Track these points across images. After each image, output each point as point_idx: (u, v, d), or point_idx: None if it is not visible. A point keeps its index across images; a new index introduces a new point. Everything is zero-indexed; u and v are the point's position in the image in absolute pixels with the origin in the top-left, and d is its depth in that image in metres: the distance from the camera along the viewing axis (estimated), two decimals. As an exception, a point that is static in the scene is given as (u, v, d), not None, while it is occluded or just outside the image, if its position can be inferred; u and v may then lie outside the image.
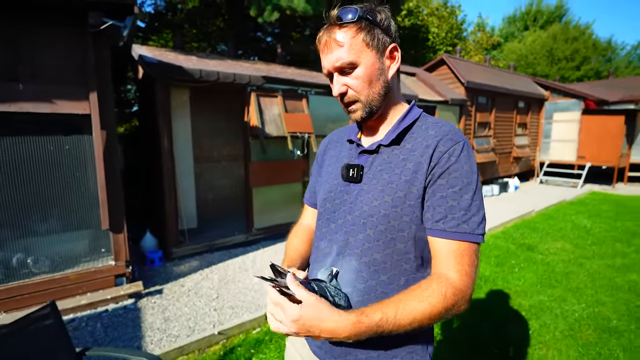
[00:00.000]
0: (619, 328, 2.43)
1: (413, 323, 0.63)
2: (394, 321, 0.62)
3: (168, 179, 3.66)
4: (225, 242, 4.06)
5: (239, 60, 5.98)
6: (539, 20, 25.08)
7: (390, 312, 0.62)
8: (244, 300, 2.86)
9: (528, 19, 25.71)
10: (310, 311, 0.59)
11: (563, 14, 24.89)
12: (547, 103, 10.31)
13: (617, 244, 4.29)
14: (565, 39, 21.40)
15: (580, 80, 20.49)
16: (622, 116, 8.65)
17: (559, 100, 10.09)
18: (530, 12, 25.78)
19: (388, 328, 0.62)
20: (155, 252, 3.56)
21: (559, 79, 17.36)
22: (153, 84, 3.61)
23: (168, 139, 3.63)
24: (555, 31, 22.09)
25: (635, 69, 23.51)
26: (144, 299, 2.85)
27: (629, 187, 8.91)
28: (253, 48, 11.60)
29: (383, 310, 0.62)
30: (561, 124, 9.92)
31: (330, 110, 4.99)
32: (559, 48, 21.20)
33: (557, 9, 24.90)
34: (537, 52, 21.62)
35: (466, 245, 0.68)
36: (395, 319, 0.62)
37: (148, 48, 4.65)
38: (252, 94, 4.05)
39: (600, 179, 10.14)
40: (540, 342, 2.28)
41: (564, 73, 20.74)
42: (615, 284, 3.16)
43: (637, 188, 8.79)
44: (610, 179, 9.56)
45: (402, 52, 1.24)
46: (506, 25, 27.18)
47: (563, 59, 21.07)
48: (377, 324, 0.61)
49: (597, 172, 10.85)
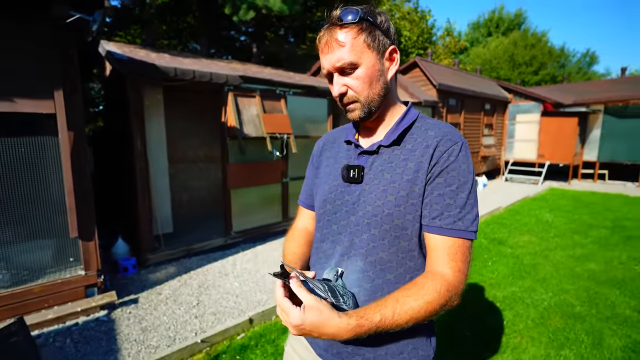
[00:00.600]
0: (581, 313, 2.63)
1: (410, 321, 0.65)
2: (392, 320, 0.64)
3: (141, 181, 3.49)
4: (203, 246, 3.93)
5: (213, 59, 5.82)
6: (501, 27, 26.59)
7: (389, 312, 0.64)
8: (226, 306, 2.79)
9: (491, 26, 27.18)
10: (312, 316, 0.60)
11: (522, 21, 26.57)
12: (510, 105, 10.94)
13: (576, 235, 4.64)
14: (525, 45, 22.85)
15: (539, 84, 21.96)
16: (575, 118, 9.37)
17: (520, 102, 10.75)
18: (493, 19, 27.27)
19: (386, 327, 0.64)
20: (129, 259, 3.38)
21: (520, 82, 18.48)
22: (124, 82, 3.43)
23: (141, 140, 3.46)
24: (516, 38, 23.53)
25: (584, 75, 25.57)
26: (118, 310, 2.70)
27: (582, 183, 9.66)
28: (226, 47, 11.35)
29: (382, 312, 0.64)
30: (523, 124, 10.57)
31: (309, 111, 4.99)
32: (519, 54, 22.59)
33: (517, 17, 26.54)
34: (500, 57, 22.90)
35: (460, 241, 0.70)
36: (393, 318, 0.64)
37: (116, 44, 4.41)
38: (230, 94, 3.96)
39: (558, 176, 10.93)
40: (515, 331, 2.42)
41: (524, 77, 22.13)
42: (576, 273, 3.41)
43: (589, 184, 9.55)
44: (567, 176, 10.33)
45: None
46: (471, 31, 28.56)
47: (523, 64, 22.48)
48: (376, 325, 0.63)
49: (555, 169, 11.68)
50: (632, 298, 2.88)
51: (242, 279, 3.29)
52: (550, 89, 12.48)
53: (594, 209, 6.28)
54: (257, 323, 2.57)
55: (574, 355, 2.13)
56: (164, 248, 3.68)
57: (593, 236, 4.60)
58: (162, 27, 8.28)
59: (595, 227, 5.05)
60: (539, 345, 2.24)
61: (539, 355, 2.14)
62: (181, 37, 9.67)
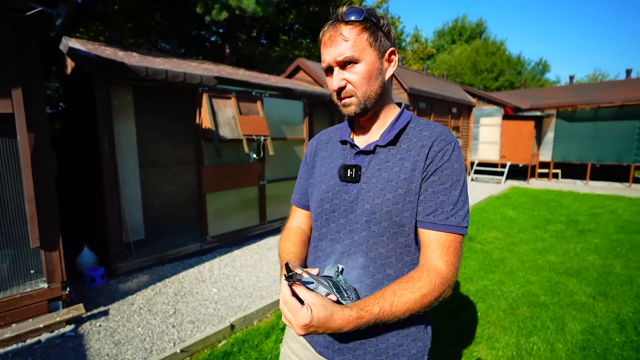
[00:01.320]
0: (545, 302, 2.84)
1: (406, 312, 0.69)
2: (390, 312, 0.67)
3: (109, 187, 3.29)
4: (177, 252, 3.78)
5: (185, 59, 5.64)
6: (464, 35, 28.10)
7: (387, 304, 0.67)
8: (205, 313, 2.70)
9: (455, 34, 28.63)
10: (318, 313, 0.62)
11: (483, 30, 28.24)
12: (474, 109, 11.58)
13: (537, 230, 4.99)
14: (486, 53, 24.29)
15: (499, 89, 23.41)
16: (532, 121, 10.10)
17: (484, 106, 11.40)
18: (457, 27, 28.74)
19: (385, 318, 0.67)
20: (96, 269, 3.18)
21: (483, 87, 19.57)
22: (89, 81, 3.23)
23: (109, 143, 3.27)
24: (477, 46, 24.95)
25: (538, 82, 27.61)
26: (86, 324, 2.53)
27: (539, 182, 10.41)
28: (196, 47, 11.02)
29: (380, 304, 0.67)
30: (486, 127, 11.22)
31: (285, 113, 4.98)
32: (481, 61, 23.96)
33: (478, 26, 28.17)
34: (464, 63, 24.16)
35: (452, 236, 0.74)
36: (391, 310, 0.67)
37: (79, 41, 4.15)
38: (204, 95, 3.85)
39: (518, 175, 11.70)
40: (488, 321, 2.56)
41: (486, 83, 23.49)
42: (539, 265, 3.67)
43: (545, 182, 10.31)
44: (526, 175, 11.09)
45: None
46: (437, 38, 29.90)
47: (484, 71, 23.86)
48: (375, 316, 0.66)
49: (515, 169, 12.49)
50: (587, 286, 3.14)
51: (220, 284, 3.21)
52: (509, 94, 13.35)
53: (550, 205, 6.79)
54: (239, 329, 2.52)
55: (541, 341, 2.29)
56: (135, 256, 3.50)
57: (551, 231, 4.97)
58: (127, 25, 7.88)
59: (552, 222, 5.46)
60: (510, 334, 2.39)
61: (511, 343, 2.28)
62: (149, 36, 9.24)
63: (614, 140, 9.46)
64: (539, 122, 10.64)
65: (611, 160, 9.54)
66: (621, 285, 3.15)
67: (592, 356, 2.14)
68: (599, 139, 9.72)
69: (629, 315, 2.61)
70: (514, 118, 10.57)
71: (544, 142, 10.84)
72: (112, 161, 3.32)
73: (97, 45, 4.49)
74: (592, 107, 9.73)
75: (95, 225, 3.67)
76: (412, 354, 0.79)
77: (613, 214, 6.00)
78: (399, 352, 0.78)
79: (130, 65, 3.26)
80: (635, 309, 2.71)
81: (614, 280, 3.26)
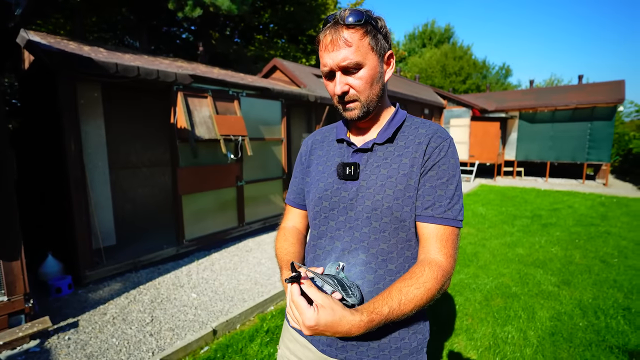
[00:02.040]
0: (517, 293, 3.01)
1: (414, 308, 0.70)
2: (398, 310, 0.68)
3: (76, 190, 3.09)
4: (152, 257, 3.62)
5: (156, 56, 5.41)
6: (433, 39, 29.17)
7: (395, 303, 0.68)
8: (184, 320, 2.60)
9: (425, 38, 29.65)
10: (326, 316, 0.62)
11: (450, 35, 29.48)
12: (445, 110, 12.05)
13: (505, 225, 5.28)
14: (454, 57, 25.36)
15: (466, 92, 24.51)
16: (497, 122, 10.68)
17: (454, 108, 11.90)
18: (426, 31, 29.79)
19: (394, 317, 0.68)
20: (62, 279, 2.97)
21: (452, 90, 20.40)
22: (52, 77, 3.01)
23: (75, 143, 3.07)
24: (446, 50, 25.98)
25: (502, 85, 29.23)
26: (53, 338, 2.35)
27: (505, 180, 11.02)
28: (166, 44, 10.60)
29: (389, 304, 0.68)
30: (456, 128, 11.71)
31: (263, 113, 4.92)
32: (449, 64, 24.98)
33: (446, 31, 29.36)
34: (434, 66, 25.07)
35: (450, 229, 0.76)
36: (399, 308, 0.68)
37: (39, 34, 3.85)
38: (179, 94, 3.72)
39: (485, 173, 12.31)
40: (466, 314, 2.67)
41: (454, 85, 24.51)
42: (508, 257, 3.89)
43: (510, 180, 10.93)
44: (492, 174, 11.69)
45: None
46: (408, 42, 30.82)
47: (453, 74, 24.90)
48: (385, 316, 0.67)
49: (483, 168, 13.14)
50: (552, 275, 3.37)
51: (199, 289, 3.10)
52: (477, 96, 14.03)
53: (516, 201, 7.21)
54: (221, 334, 2.45)
55: (515, 330, 2.43)
56: (105, 263, 3.30)
57: (518, 225, 5.28)
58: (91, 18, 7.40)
59: (519, 217, 5.80)
60: (486, 324, 2.51)
61: (488, 333, 2.39)
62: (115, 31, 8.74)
63: (569, 141, 10.21)
64: (503, 123, 11.27)
65: (567, 159, 10.30)
66: (581, 274, 3.41)
67: (560, 341, 2.30)
68: (556, 139, 10.45)
69: (589, 301, 2.83)
70: (481, 119, 11.11)
71: (508, 142, 11.49)
72: (79, 163, 3.11)
73: (58, 39, 4.20)
74: (550, 109, 10.45)
75: (61, 232, 3.43)
76: (412, 346, 0.81)
77: (571, 208, 6.47)
78: (401, 345, 0.80)
79: (98, 61, 3.08)
80: (594, 295, 2.94)
81: (574, 269, 3.52)
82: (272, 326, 2.51)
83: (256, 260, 3.85)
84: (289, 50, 11.58)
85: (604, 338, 2.31)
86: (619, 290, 3.03)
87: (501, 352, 2.19)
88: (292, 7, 11.05)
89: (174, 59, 5.84)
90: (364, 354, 0.80)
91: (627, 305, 2.75)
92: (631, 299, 2.86)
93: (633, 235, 4.69)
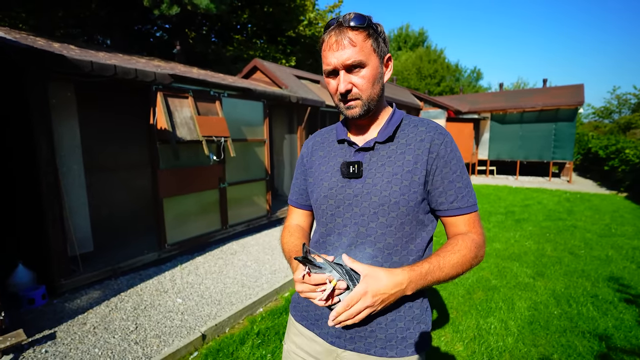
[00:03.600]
0: (496, 285, 3.16)
1: (451, 271, 0.78)
2: (439, 270, 0.76)
3: (49, 194, 2.92)
4: (133, 263, 3.48)
5: (131, 54, 5.21)
6: (408, 42, 29.95)
7: (434, 263, 0.76)
8: (170, 326, 2.53)
9: (400, 41, 30.38)
10: (372, 281, 0.70)
11: (424, 39, 30.38)
12: (421, 112, 12.40)
13: (482, 222, 5.50)
14: (428, 60, 26.14)
15: (441, 94, 25.34)
16: (471, 123, 11.15)
17: (430, 109, 12.27)
18: (402, 35, 30.54)
19: (435, 275, 0.76)
20: (35, 289, 2.79)
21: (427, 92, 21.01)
22: (20, 75, 2.83)
23: (47, 146, 2.90)
24: (421, 53, 26.75)
25: (474, 88, 30.46)
26: (29, 351, 2.21)
27: (479, 178, 11.50)
28: (139, 42, 10.21)
29: (429, 262, 0.76)
30: (433, 129, 12.08)
31: (245, 114, 4.86)
32: (424, 67, 25.72)
33: (420, 35, 30.25)
34: (410, 69, 25.73)
35: (474, 214, 0.85)
36: (439, 267, 0.76)
37: (2, 29, 3.61)
38: (159, 94, 3.61)
39: (460, 173, 12.77)
40: (451, 307, 2.77)
41: (429, 88, 25.28)
42: (487, 252, 4.07)
43: (483, 178, 11.43)
44: (467, 173, 12.14)
45: (305, 59, 1.18)
46: (384, 44, 31.41)
47: (428, 76, 25.66)
48: (426, 271, 0.75)
49: (458, 167, 13.58)
50: (527, 268, 3.57)
51: (185, 294, 3.03)
52: (451, 98, 14.55)
53: (490, 198, 7.55)
54: (210, 338, 2.41)
55: (497, 321, 2.55)
56: (82, 271, 3.14)
57: (493, 221, 5.54)
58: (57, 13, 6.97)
59: (494, 213, 6.08)
60: (470, 317, 2.62)
61: (472, 325, 2.50)
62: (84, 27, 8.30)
63: (536, 140, 10.82)
64: (476, 124, 11.77)
65: (535, 158, 10.91)
66: (553, 265, 3.63)
67: (538, 329, 2.44)
68: (525, 139, 11.04)
69: (562, 291, 3.03)
70: (455, 120, 11.55)
71: (481, 142, 12.01)
72: (52, 166, 2.95)
73: (24, 34, 3.95)
74: (519, 111, 11.03)
75: (33, 239, 3.22)
76: (417, 336, 0.85)
77: (540, 204, 6.87)
78: (407, 335, 0.83)
79: (72, 59, 2.93)
80: (566, 285, 3.14)
81: (547, 261, 3.74)
82: (263, 328, 2.50)
83: (242, 262, 3.80)
84: (269, 51, 11.49)
85: (576, 324, 2.48)
86: (587, 279, 3.26)
87: (485, 342, 2.29)
88: (271, 8, 10.98)
89: (150, 57, 5.65)
90: (371, 345, 0.83)
91: (595, 293, 2.96)
92: (598, 287, 3.09)
93: (596, 228, 5.06)
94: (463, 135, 11.21)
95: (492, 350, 2.20)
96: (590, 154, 12.26)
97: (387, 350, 0.83)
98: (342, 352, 0.86)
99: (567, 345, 2.23)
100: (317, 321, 0.91)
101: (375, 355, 0.83)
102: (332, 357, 0.89)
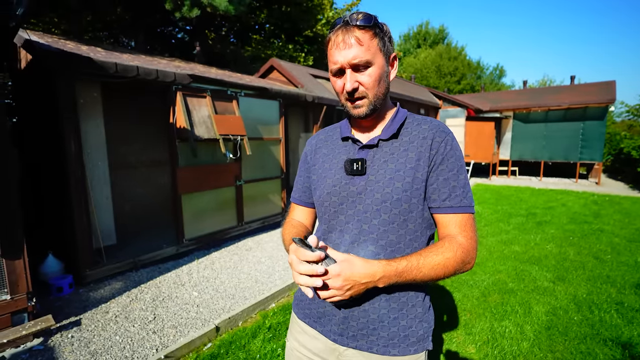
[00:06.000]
0: (513, 289, 3.08)
1: (430, 272, 0.76)
2: (417, 269, 0.75)
3: (77, 190, 3.09)
4: (152, 257, 3.62)
5: (153, 56, 5.40)
6: (428, 40, 29.34)
7: (414, 262, 0.75)
8: (187, 317, 2.62)
9: (419, 38, 29.82)
10: (347, 266, 0.71)
11: (445, 36, 29.67)
12: (440, 110, 12.15)
13: (501, 223, 5.36)
14: (449, 57, 25.52)
15: (461, 92, 24.70)
16: (492, 122, 10.80)
17: (449, 108, 12.00)
18: (421, 32, 29.96)
19: (412, 274, 0.75)
20: (63, 278, 2.97)
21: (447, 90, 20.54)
22: (50, 77, 3.01)
23: (75, 143, 3.07)
24: (441, 50, 26.15)
25: (496, 85, 29.50)
26: (56, 336, 2.36)
27: (500, 179, 11.15)
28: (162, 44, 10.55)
29: (408, 260, 0.75)
30: (452, 128, 11.81)
31: (261, 113, 4.94)
32: (444, 65, 25.14)
33: (440, 32, 29.55)
34: (429, 67, 25.22)
35: (467, 216, 0.82)
36: (418, 267, 0.75)
37: (36, 33, 3.84)
38: (179, 93, 3.73)
39: (481, 173, 12.43)
40: (464, 309, 2.72)
41: (449, 86, 24.69)
42: (505, 255, 3.96)
43: (505, 179, 11.07)
44: (488, 173, 11.82)
45: (323, 58, 1.17)
46: (403, 42, 30.97)
47: (448, 74, 25.07)
48: (403, 269, 0.74)
49: (478, 167, 13.26)
50: (547, 272, 3.44)
51: (200, 287, 3.12)
52: (471, 96, 14.17)
53: (511, 200, 7.31)
54: (224, 330, 2.48)
55: (512, 325, 2.48)
56: (106, 262, 3.30)
57: (513, 223, 5.37)
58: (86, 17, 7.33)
59: (514, 215, 5.89)
60: (484, 319, 2.56)
61: (485, 328, 2.45)
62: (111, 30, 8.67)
63: (562, 140, 10.36)
64: (498, 123, 11.40)
65: (560, 159, 10.46)
66: (575, 270, 3.49)
67: (556, 334, 2.36)
68: (550, 139, 10.60)
69: (583, 297, 2.90)
70: (476, 119, 11.23)
71: (503, 141, 11.63)
72: (79, 162, 3.12)
73: (56, 38, 4.18)
74: (544, 109, 10.60)
75: (61, 231, 3.42)
76: (419, 334, 0.85)
77: (564, 206, 6.59)
78: (409, 333, 0.84)
79: (97, 61, 3.08)
80: (588, 291, 3.01)
81: (569, 266, 3.60)
82: (274, 323, 2.55)
83: (256, 259, 3.88)
84: (286, 51, 11.59)
85: (598, 331, 2.38)
86: (612, 285, 3.11)
87: (499, 345, 2.24)
88: (289, 8, 11.07)
89: (171, 58, 5.84)
90: (374, 343, 0.84)
91: (620, 300, 2.83)
92: (624, 294, 2.94)
93: (625, 232, 4.80)
94: (483, 134, 10.89)
95: (506, 354, 2.15)
96: (622, 155, 11.60)
97: (390, 349, 0.83)
98: (345, 349, 0.87)
99: (587, 353, 2.15)
100: (320, 318, 0.91)
101: (378, 354, 0.84)
102: (335, 355, 0.89)
